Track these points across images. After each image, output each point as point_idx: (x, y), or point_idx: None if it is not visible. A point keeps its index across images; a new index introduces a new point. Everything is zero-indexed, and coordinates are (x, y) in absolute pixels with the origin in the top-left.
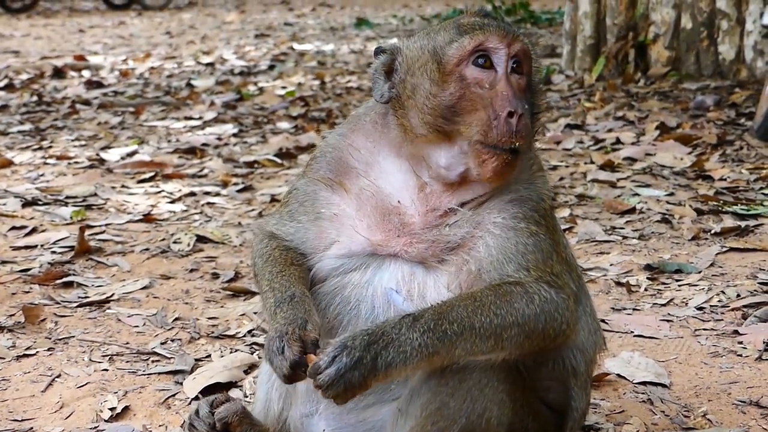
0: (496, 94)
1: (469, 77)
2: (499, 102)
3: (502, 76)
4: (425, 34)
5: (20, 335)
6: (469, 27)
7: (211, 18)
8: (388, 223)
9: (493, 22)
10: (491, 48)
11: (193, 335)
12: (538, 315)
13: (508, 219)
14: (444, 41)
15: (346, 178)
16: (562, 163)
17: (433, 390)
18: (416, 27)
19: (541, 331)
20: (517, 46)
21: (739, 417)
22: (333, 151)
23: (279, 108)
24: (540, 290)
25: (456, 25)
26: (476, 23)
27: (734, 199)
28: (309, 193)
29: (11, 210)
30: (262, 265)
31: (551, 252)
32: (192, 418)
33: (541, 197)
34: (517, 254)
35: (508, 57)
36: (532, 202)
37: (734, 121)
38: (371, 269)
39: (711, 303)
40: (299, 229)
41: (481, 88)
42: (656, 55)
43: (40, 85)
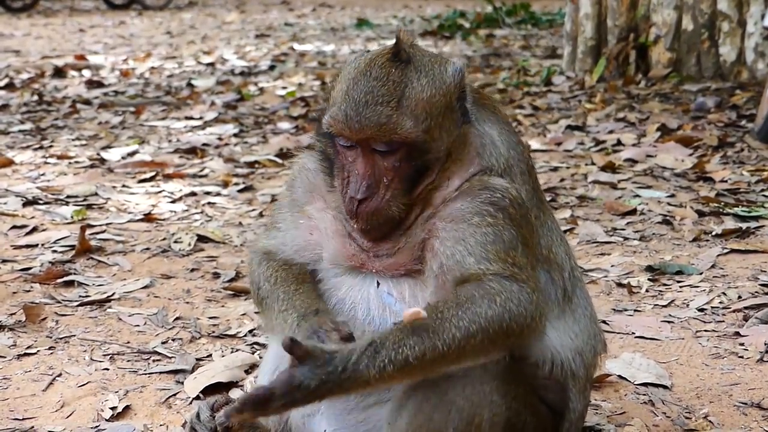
0: (351, 171)
1: (338, 146)
2: (349, 182)
3: (360, 159)
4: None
5: (21, 334)
6: (343, 104)
7: (212, 18)
8: (349, 246)
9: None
10: (343, 135)
11: (194, 335)
12: (501, 315)
13: (459, 213)
14: (331, 102)
15: (310, 202)
16: (562, 165)
17: (417, 404)
18: (416, 27)
19: (506, 330)
20: (365, 132)
21: (740, 419)
22: (299, 174)
23: (279, 108)
24: (503, 288)
25: (344, 88)
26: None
27: (735, 200)
28: (287, 204)
29: (12, 209)
30: (271, 288)
31: (515, 244)
32: (193, 422)
33: (500, 192)
34: (475, 245)
35: (362, 141)
36: (487, 196)
37: (735, 122)
38: (362, 273)
39: (712, 304)
40: (286, 237)
41: (346, 160)
42: (657, 57)
43: (41, 84)
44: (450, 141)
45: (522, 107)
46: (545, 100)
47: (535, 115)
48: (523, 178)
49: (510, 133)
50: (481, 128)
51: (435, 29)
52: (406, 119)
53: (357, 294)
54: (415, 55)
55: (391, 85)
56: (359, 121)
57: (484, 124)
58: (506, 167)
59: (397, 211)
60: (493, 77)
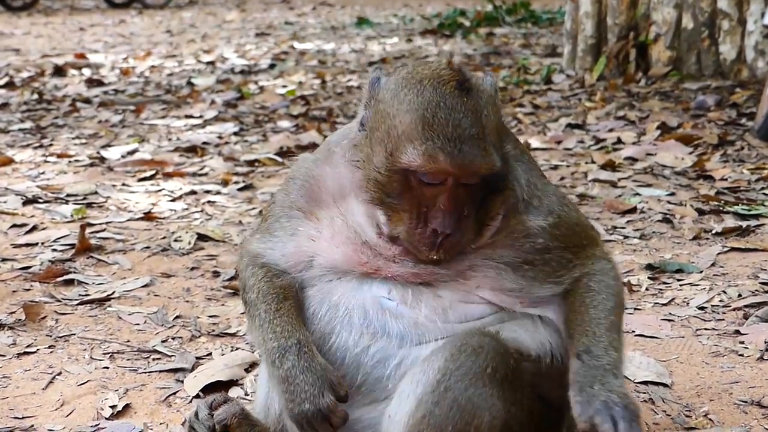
0: (434, 206)
1: (414, 184)
2: (432, 214)
3: (446, 194)
4: (393, 96)
5: (21, 333)
6: (431, 141)
7: (212, 17)
8: (361, 254)
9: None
10: (439, 173)
11: (194, 333)
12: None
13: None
14: (403, 134)
15: (317, 208)
16: (563, 163)
17: (419, 398)
18: (416, 26)
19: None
20: (471, 173)
21: (740, 417)
22: (303, 180)
23: (280, 107)
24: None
25: (421, 122)
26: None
27: (735, 199)
28: (285, 210)
29: (12, 208)
30: (254, 299)
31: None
32: (192, 421)
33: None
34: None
35: (459, 179)
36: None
37: (735, 121)
38: (358, 278)
39: (712, 303)
40: (277, 243)
41: (423, 196)
42: (657, 55)
43: (41, 83)
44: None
45: (522, 105)
46: (545, 98)
47: (536, 113)
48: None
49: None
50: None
51: (435, 28)
52: (493, 150)
53: (351, 299)
54: (469, 79)
55: (472, 117)
56: (462, 157)
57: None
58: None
59: (469, 240)
60: None
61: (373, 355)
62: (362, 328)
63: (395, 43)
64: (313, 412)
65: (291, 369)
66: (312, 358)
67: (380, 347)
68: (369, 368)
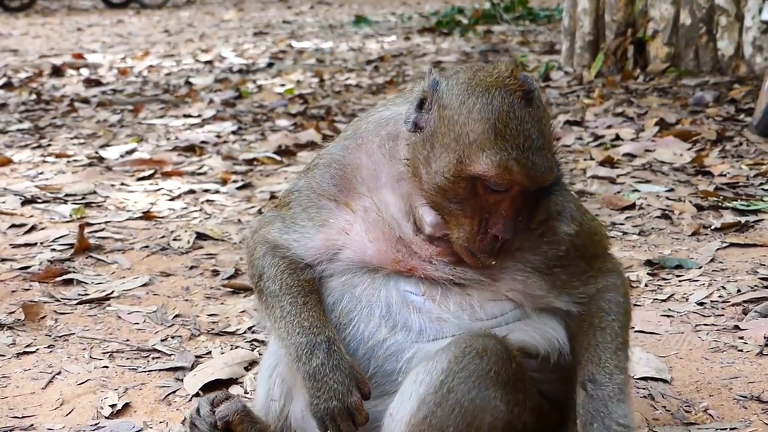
0: (496, 211)
1: (480, 190)
2: (493, 221)
3: (508, 201)
4: (460, 103)
5: (20, 333)
6: (505, 152)
7: (210, 16)
8: (396, 252)
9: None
10: (512, 183)
11: (194, 332)
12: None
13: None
14: (474, 142)
15: (350, 197)
16: (561, 160)
17: (421, 398)
18: (414, 24)
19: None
20: (540, 182)
21: (740, 412)
22: (337, 167)
23: (278, 105)
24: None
25: (494, 132)
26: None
27: (734, 194)
28: (313, 199)
29: (11, 208)
30: (276, 291)
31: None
32: (193, 417)
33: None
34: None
35: (526, 188)
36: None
37: (733, 117)
38: (386, 274)
39: (711, 298)
40: (303, 235)
41: (486, 202)
42: (655, 52)
43: (39, 83)
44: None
45: None
46: (543, 95)
47: None
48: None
49: None
50: None
51: (433, 26)
52: (554, 160)
53: (375, 293)
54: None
55: (538, 127)
56: (533, 168)
57: None
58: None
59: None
60: None
61: (388, 348)
62: (381, 321)
63: (393, 41)
64: (340, 410)
65: (320, 366)
66: (341, 357)
67: (396, 340)
68: (381, 361)
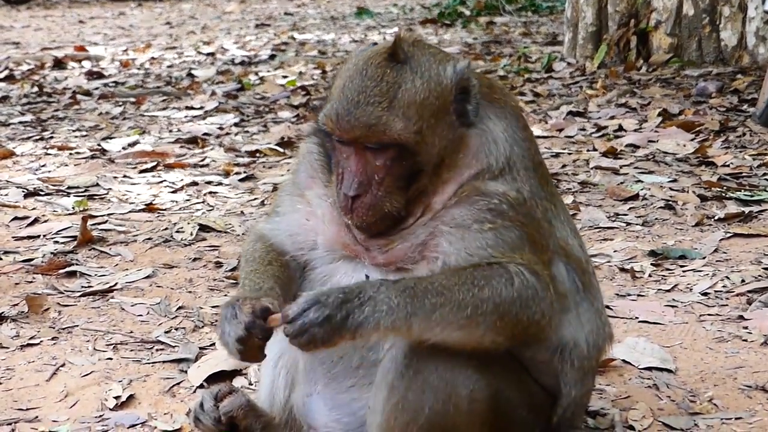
0: (345, 168)
1: (335, 143)
2: (343, 178)
3: (352, 157)
4: (344, 65)
5: (24, 325)
6: (336, 103)
7: (211, 8)
8: (344, 235)
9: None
10: (336, 134)
11: (197, 324)
12: (515, 299)
13: (460, 220)
14: (329, 96)
15: (310, 187)
16: (564, 151)
17: (390, 386)
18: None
19: (515, 316)
20: (356, 132)
21: (745, 402)
22: (308, 157)
23: (280, 97)
24: (521, 273)
25: (341, 87)
26: (343, 101)
27: (737, 185)
28: (292, 190)
29: (13, 200)
30: (243, 265)
31: (519, 244)
32: (197, 412)
33: (497, 197)
34: (479, 249)
35: (354, 140)
36: (484, 204)
37: (737, 107)
38: (353, 260)
39: (715, 288)
40: (280, 223)
41: (341, 156)
42: (658, 42)
43: (41, 76)
44: (444, 144)
45: (523, 94)
46: (546, 86)
47: (537, 101)
48: (527, 174)
49: (518, 129)
50: (485, 126)
51: (435, 17)
52: (397, 120)
53: (351, 280)
54: (414, 55)
55: (385, 86)
56: (349, 120)
57: (489, 121)
58: (505, 166)
59: (390, 209)
60: (494, 64)
61: None
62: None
63: (395, 33)
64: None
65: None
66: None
67: None
68: (365, 352)
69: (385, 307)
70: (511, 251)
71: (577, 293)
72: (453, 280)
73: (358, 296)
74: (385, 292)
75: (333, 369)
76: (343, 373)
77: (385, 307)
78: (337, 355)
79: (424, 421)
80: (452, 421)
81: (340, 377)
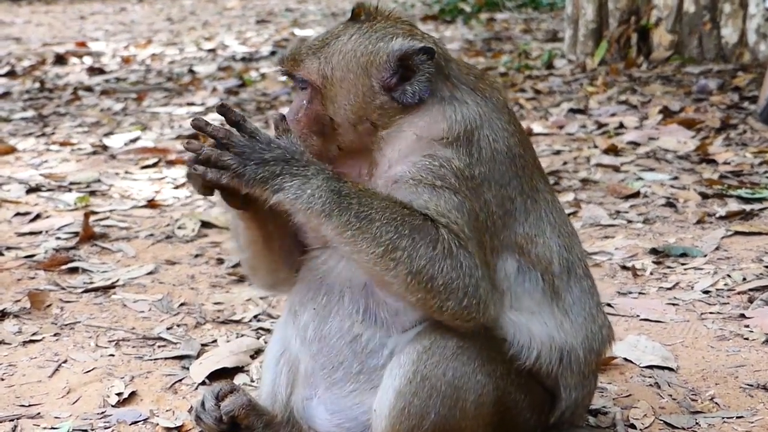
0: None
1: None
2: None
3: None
4: None
5: (26, 321)
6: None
7: (212, 4)
8: None
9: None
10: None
11: (199, 320)
12: (432, 260)
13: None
14: None
15: None
16: (565, 148)
17: (397, 391)
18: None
19: (429, 278)
20: (285, 64)
21: (746, 400)
22: None
23: (281, 94)
24: (448, 240)
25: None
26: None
27: (739, 182)
28: None
29: (15, 196)
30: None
31: (457, 207)
32: (198, 411)
33: (440, 160)
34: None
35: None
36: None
37: (737, 104)
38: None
39: (717, 287)
40: None
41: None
42: (658, 39)
43: (42, 71)
44: (361, 103)
45: (524, 91)
46: (547, 83)
47: (537, 98)
48: (494, 157)
49: (498, 119)
50: (450, 103)
51: (436, 13)
52: (314, 60)
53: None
54: (376, 21)
55: (328, 35)
56: (284, 53)
57: (460, 103)
58: (461, 138)
59: (309, 148)
60: (494, 61)
61: (366, 344)
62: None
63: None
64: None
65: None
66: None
67: (369, 336)
68: (364, 357)
69: (309, 192)
70: (446, 211)
71: (541, 296)
72: (383, 212)
73: (297, 166)
74: (318, 181)
75: (333, 374)
76: (343, 378)
77: (308, 192)
78: (338, 360)
79: (429, 426)
80: (458, 426)
81: (340, 382)
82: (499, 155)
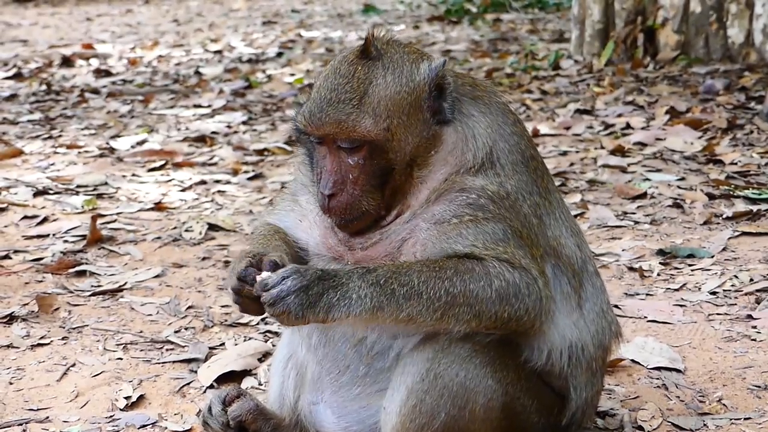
0: (322, 167)
1: (313, 146)
2: (321, 177)
3: (328, 155)
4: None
5: (34, 324)
6: (309, 102)
7: (218, 5)
8: (330, 238)
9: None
10: (309, 132)
11: (207, 323)
12: (493, 300)
13: (439, 216)
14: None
15: (303, 194)
16: (572, 149)
17: (409, 388)
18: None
19: (494, 314)
20: (327, 129)
21: (754, 402)
22: (297, 167)
23: (288, 95)
24: (503, 272)
25: (316, 86)
26: (315, 100)
27: (745, 183)
28: (286, 198)
29: (23, 199)
30: (251, 240)
31: (502, 236)
32: (206, 416)
33: (476, 192)
34: (457, 241)
35: (328, 138)
36: (463, 199)
37: (744, 105)
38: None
39: (724, 288)
40: (281, 217)
41: (319, 156)
42: (665, 40)
43: (49, 74)
44: (417, 141)
45: (530, 91)
46: (553, 84)
47: (544, 99)
48: (514, 168)
49: (504, 124)
50: (465, 123)
51: (442, 14)
52: (367, 117)
53: None
54: (386, 52)
55: (355, 83)
56: (320, 118)
57: (471, 119)
58: (486, 161)
59: (368, 207)
60: (501, 62)
61: (371, 347)
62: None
63: (402, 30)
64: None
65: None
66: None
67: (374, 339)
68: (370, 359)
69: (354, 296)
70: (493, 244)
71: (569, 296)
72: (426, 275)
73: (333, 278)
74: (356, 281)
75: (340, 378)
76: (350, 381)
77: (354, 296)
78: (344, 364)
79: (439, 425)
80: (466, 428)
81: (347, 386)
82: (518, 165)
